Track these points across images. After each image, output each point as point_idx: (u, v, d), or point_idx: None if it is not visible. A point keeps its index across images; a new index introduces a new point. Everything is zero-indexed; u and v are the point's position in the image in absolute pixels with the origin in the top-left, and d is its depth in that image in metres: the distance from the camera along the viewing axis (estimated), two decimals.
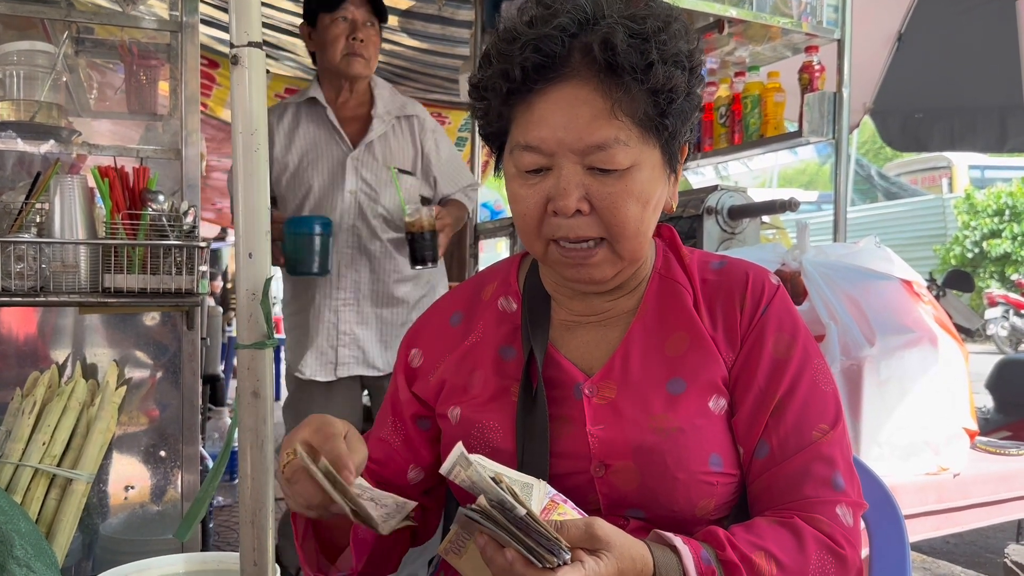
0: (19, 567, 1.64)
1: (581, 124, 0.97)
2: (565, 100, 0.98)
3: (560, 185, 0.99)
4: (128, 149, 2.29)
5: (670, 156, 1.05)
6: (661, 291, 1.12)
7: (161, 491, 2.34)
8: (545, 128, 0.99)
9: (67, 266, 1.94)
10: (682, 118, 1.02)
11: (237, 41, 1.18)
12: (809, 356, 1.06)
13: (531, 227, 1.04)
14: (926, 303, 2.11)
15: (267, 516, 1.21)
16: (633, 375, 1.06)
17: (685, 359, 1.06)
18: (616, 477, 1.02)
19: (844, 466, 1.03)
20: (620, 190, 0.99)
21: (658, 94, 0.98)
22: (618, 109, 0.97)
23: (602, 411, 1.05)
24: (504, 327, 1.16)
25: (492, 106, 1.04)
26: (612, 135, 0.97)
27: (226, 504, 4.25)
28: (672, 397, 1.04)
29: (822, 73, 2.80)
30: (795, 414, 1.03)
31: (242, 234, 1.19)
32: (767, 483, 1.03)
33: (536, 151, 1.00)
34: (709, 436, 1.03)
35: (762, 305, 1.08)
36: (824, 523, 0.98)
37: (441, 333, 1.20)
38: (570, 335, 1.13)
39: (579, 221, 1.00)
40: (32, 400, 1.92)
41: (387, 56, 4.89)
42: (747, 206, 2.43)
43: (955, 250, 15.11)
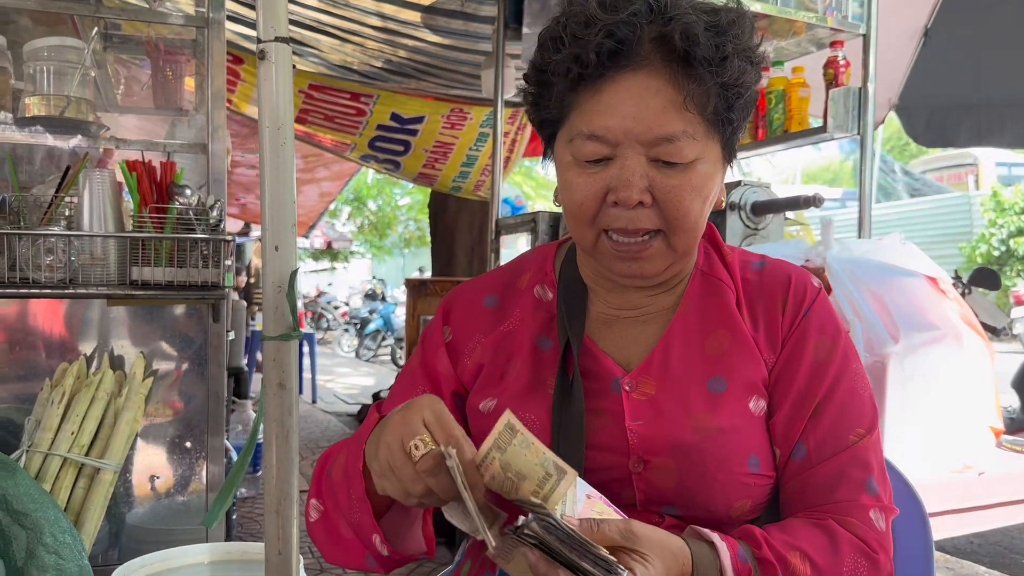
0: (48, 554, 1.67)
1: (651, 115, 0.95)
2: (636, 89, 0.95)
3: (623, 176, 0.96)
4: (155, 144, 2.32)
5: (729, 151, 1.03)
6: (703, 289, 1.10)
7: (186, 482, 2.37)
8: (613, 117, 0.96)
9: (96, 259, 1.97)
10: (745, 113, 1.01)
11: (264, 36, 1.20)
12: (848, 360, 1.06)
13: (586, 217, 1.01)
14: (951, 300, 2.09)
15: (292, 506, 1.22)
16: (673, 372, 1.05)
17: (726, 358, 1.05)
18: (654, 474, 1.01)
19: (878, 471, 1.03)
20: (683, 183, 0.97)
21: (728, 88, 0.96)
22: (690, 101, 0.95)
23: (641, 407, 1.04)
24: (540, 315, 1.13)
25: (555, 91, 1.00)
26: (681, 128, 0.95)
27: (249, 496, 4.29)
28: (713, 396, 1.03)
29: (847, 68, 2.78)
30: (833, 417, 1.03)
31: (269, 227, 1.20)
32: (802, 485, 1.03)
33: (601, 140, 0.97)
34: (748, 437, 1.02)
35: (804, 308, 1.07)
36: (858, 527, 0.98)
37: (472, 313, 1.17)
38: (607, 329, 1.11)
39: (639, 213, 0.98)
40: (61, 390, 1.95)
41: (409, 52, 4.90)
42: (771, 202, 2.42)
43: (981, 248, 14.95)
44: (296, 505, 1.24)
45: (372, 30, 4.57)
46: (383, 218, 20.57)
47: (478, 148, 6.00)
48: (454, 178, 6.28)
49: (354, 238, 21.42)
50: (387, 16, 4.32)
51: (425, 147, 5.95)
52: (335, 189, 9.34)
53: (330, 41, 4.85)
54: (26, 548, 1.67)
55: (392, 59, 5.07)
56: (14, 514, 1.69)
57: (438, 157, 6.07)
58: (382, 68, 5.25)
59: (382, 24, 4.44)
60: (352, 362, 13.53)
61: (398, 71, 5.26)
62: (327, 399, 8.31)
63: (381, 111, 5.65)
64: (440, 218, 7.47)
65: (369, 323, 14.17)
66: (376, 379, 10.53)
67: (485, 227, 7.03)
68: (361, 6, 4.23)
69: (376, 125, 5.75)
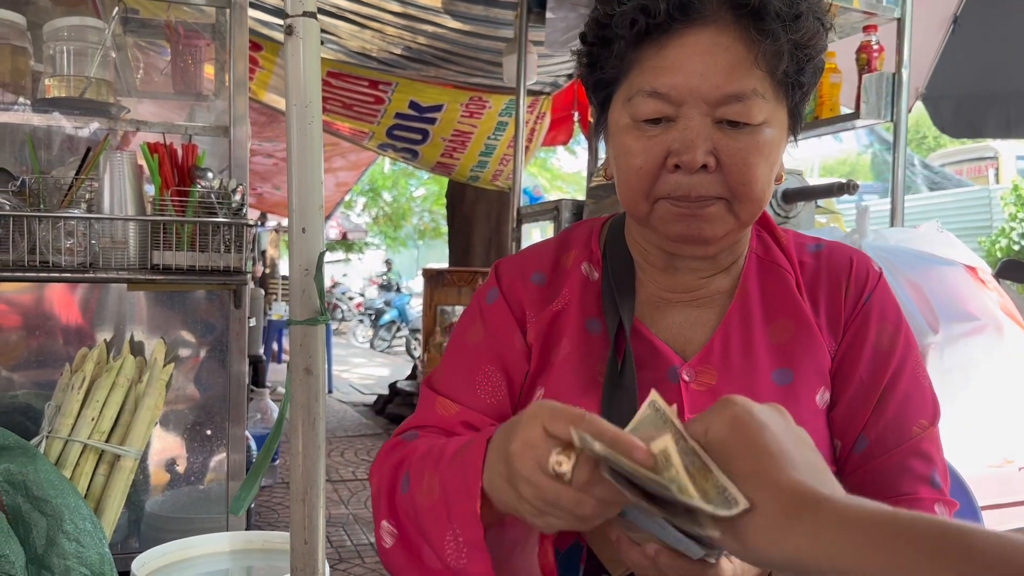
0: (68, 541, 1.64)
1: (720, 71, 0.89)
2: (703, 45, 0.89)
3: (687, 136, 0.90)
4: (176, 126, 2.28)
5: (796, 119, 0.97)
6: (762, 273, 1.04)
7: (206, 470, 2.34)
8: (679, 74, 0.89)
9: (116, 242, 1.94)
10: (815, 78, 0.95)
11: (292, 11, 1.16)
12: (911, 348, 1.01)
13: (644, 183, 0.93)
14: (991, 290, 2.03)
15: (318, 494, 1.19)
16: (734, 361, 0.99)
17: (791, 347, 0.99)
18: None
19: (941, 464, 0.99)
20: (751, 145, 0.90)
21: (801, 49, 0.91)
22: (761, 59, 0.89)
23: (702, 398, 0.97)
24: (588, 295, 1.06)
25: (617, 48, 0.94)
26: (751, 86, 0.89)
27: (267, 485, 4.27)
28: (779, 388, 0.97)
29: (881, 53, 2.71)
30: (896, 408, 0.98)
31: (296, 209, 1.16)
32: (863, 478, 0.98)
33: (663, 98, 0.91)
34: (815, 432, 0.96)
35: (866, 292, 1.01)
36: None
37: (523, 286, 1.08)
38: (659, 314, 1.04)
39: (702, 179, 0.91)
40: (81, 376, 1.92)
41: (429, 39, 4.86)
42: (803, 189, 2.35)
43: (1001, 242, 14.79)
44: (323, 493, 1.20)
45: (392, 16, 4.53)
46: (398, 209, 20.57)
47: (496, 137, 5.97)
48: (472, 167, 6.25)
49: (369, 229, 21.44)
50: (407, 2, 4.28)
51: (443, 136, 5.92)
52: (352, 179, 9.33)
53: (349, 27, 4.81)
54: (46, 535, 1.64)
55: (411, 46, 5.03)
56: (34, 501, 1.66)
57: (456, 146, 6.03)
58: (401, 55, 5.21)
59: (402, 10, 4.40)
60: (367, 352, 13.55)
61: (417, 58, 5.22)
62: (343, 389, 8.31)
63: (399, 99, 5.62)
64: (458, 208, 7.44)
65: (384, 314, 14.19)
66: (391, 370, 10.52)
67: (503, 217, 7.00)
68: None
69: (394, 113, 5.72)
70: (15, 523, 1.66)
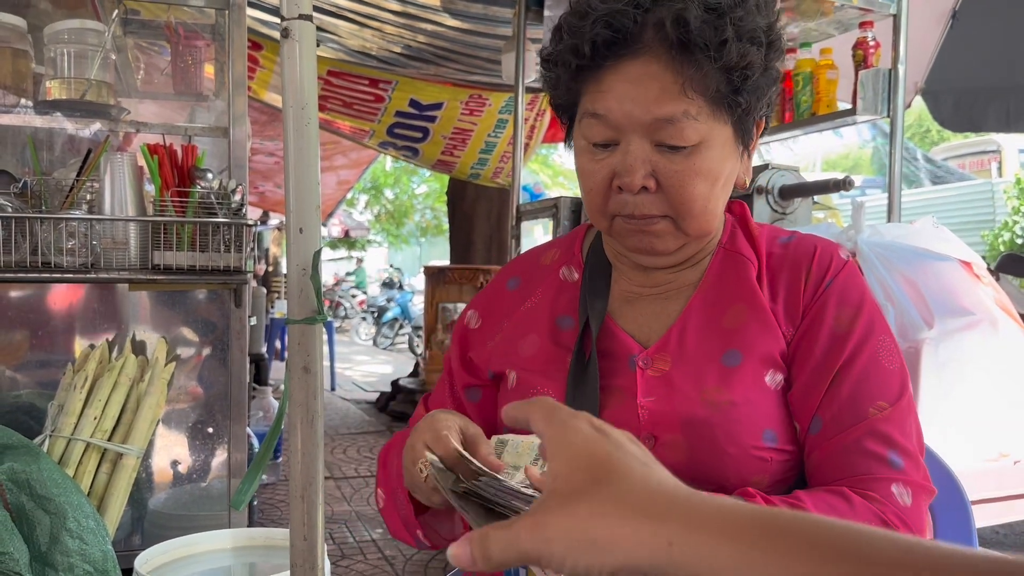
0: (72, 539, 1.66)
1: (650, 98, 0.95)
2: (635, 74, 0.96)
3: (627, 161, 0.97)
4: (176, 127, 2.30)
5: (743, 132, 1.02)
6: (724, 264, 1.09)
7: (208, 468, 2.36)
8: (614, 100, 0.97)
9: (117, 243, 1.96)
10: (757, 94, 0.99)
11: (288, 14, 1.17)
12: (873, 331, 1.01)
13: (597, 203, 1.03)
14: (986, 285, 2.04)
15: (317, 491, 1.20)
16: (689, 348, 1.04)
17: (742, 331, 1.03)
18: (665, 450, 1.00)
19: (906, 446, 0.97)
20: (688, 168, 0.97)
21: (732, 71, 0.95)
22: (688, 86, 0.95)
23: (655, 383, 1.03)
24: (564, 296, 1.15)
25: (562, 80, 1.03)
26: (681, 109, 0.95)
27: (269, 482, 4.30)
28: (727, 370, 1.01)
29: (877, 49, 2.72)
30: (850, 388, 0.98)
31: (293, 209, 1.17)
32: (819, 459, 0.99)
33: (604, 122, 0.98)
34: (764, 411, 1.00)
35: (827, 278, 1.04)
36: (876, 499, 0.93)
37: (498, 296, 1.20)
38: (629, 307, 1.11)
39: (644, 198, 0.99)
40: (83, 375, 1.94)
41: (428, 37, 4.87)
42: (799, 185, 2.37)
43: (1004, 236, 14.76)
44: (322, 491, 1.22)
45: (391, 15, 4.54)
46: (400, 207, 20.59)
47: (497, 135, 5.98)
48: (472, 165, 6.26)
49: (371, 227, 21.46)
50: (406, 0, 4.29)
51: (444, 134, 5.93)
52: (353, 177, 9.34)
53: (348, 26, 4.82)
54: (50, 533, 1.66)
55: (411, 44, 5.04)
56: (38, 499, 1.68)
57: (456, 144, 6.05)
58: (401, 54, 5.22)
59: (401, 8, 4.42)
60: (370, 350, 13.57)
61: (417, 57, 5.23)
62: (346, 387, 8.33)
63: (399, 97, 5.63)
64: (458, 205, 7.45)
65: (386, 311, 14.21)
66: (394, 367, 10.54)
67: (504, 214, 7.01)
68: None
69: (395, 112, 5.74)
70: (19, 521, 1.68)
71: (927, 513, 0.97)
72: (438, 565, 3.20)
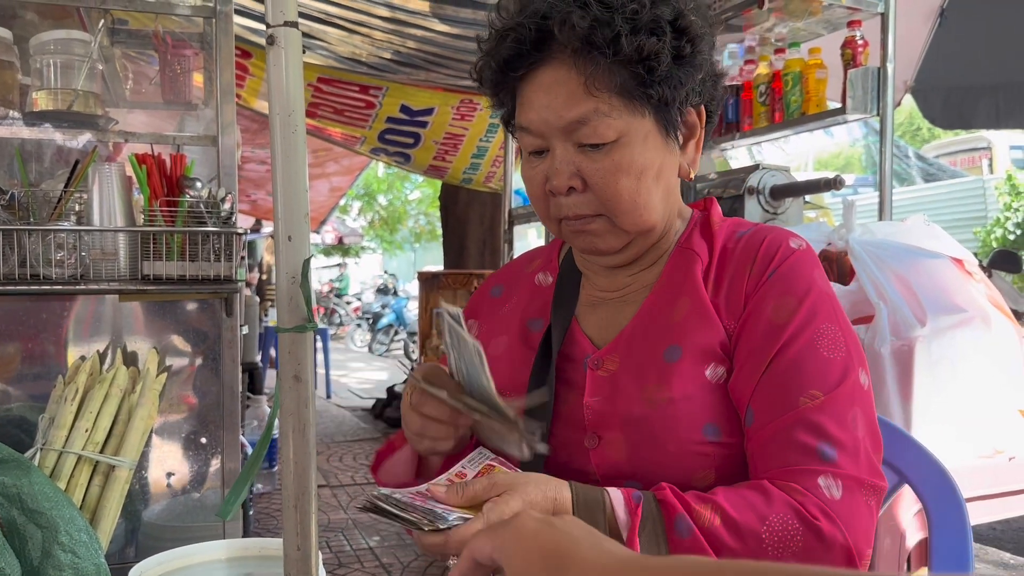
0: (64, 553, 1.65)
1: (561, 102, 1.00)
2: (545, 82, 1.01)
3: (553, 165, 1.02)
4: (164, 136, 2.29)
5: (667, 123, 1.03)
6: (677, 262, 1.10)
7: (202, 478, 2.35)
8: (531, 110, 1.03)
9: (106, 254, 1.95)
10: (671, 84, 1.00)
11: (273, 21, 1.17)
12: (814, 319, 0.99)
13: (541, 209, 1.08)
14: (977, 281, 2.04)
15: (310, 500, 1.19)
16: (637, 347, 1.06)
17: (682, 326, 1.04)
18: (608, 449, 1.02)
19: (841, 437, 0.93)
20: (609, 165, 1.00)
21: (634, 65, 0.98)
22: (591, 84, 0.98)
23: (601, 383, 1.05)
24: (537, 301, 1.19)
25: (490, 93, 1.11)
26: (591, 108, 0.99)
27: (265, 491, 4.28)
28: (667, 366, 1.01)
29: (865, 48, 2.72)
30: (781, 378, 0.97)
31: (281, 217, 1.17)
32: (752, 450, 0.98)
33: (529, 132, 1.04)
34: (704, 406, 0.99)
35: (770, 269, 1.02)
36: (797, 491, 0.91)
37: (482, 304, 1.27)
38: (592, 311, 1.15)
39: (575, 199, 1.03)
40: (74, 387, 1.93)
41: (418, 43, 4.87)
42: (790, 185, 2.37)
43: (996, 232, 14.82)
44: (314, 499, 1.21)
45: (380, 21, 4.54)
46: (393, 213, 20.59)
47: (488, 139, 5.98)
48: (465, 170, 6.26)
49: (365, 233, 21.44)
50: (395, 6, 4.29)
51: (435, 139, 5.93)
52: (345, 184, 9.34)
53: (338, 33, 4.82)
54: (42, 547, 1.65)
55: (401, 50, 5.04)
56: (29, 513, 1.67)
57: (448, 149, 6.05)
58: (391, 60, 5.22)
59: (390, 14, 4.41)
60: (365, 357, 13.55)
61: (407, 62, 5.23)
62: (341, 394, 8.32)
63: (390, 103, 5.63)
64: (451, 210, 7.45)
65: (381, 318, 14.20)
66: (389, 373, 10.53)
67: (496, 219, 7.01)
68: None
69: (386, 118, 5.74)
70: (10, 536, 1.66)
71: (868, 508, 0.93)
72: (436, 572, 3.18)
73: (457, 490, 0.90)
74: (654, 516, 0.89)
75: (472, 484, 0.89)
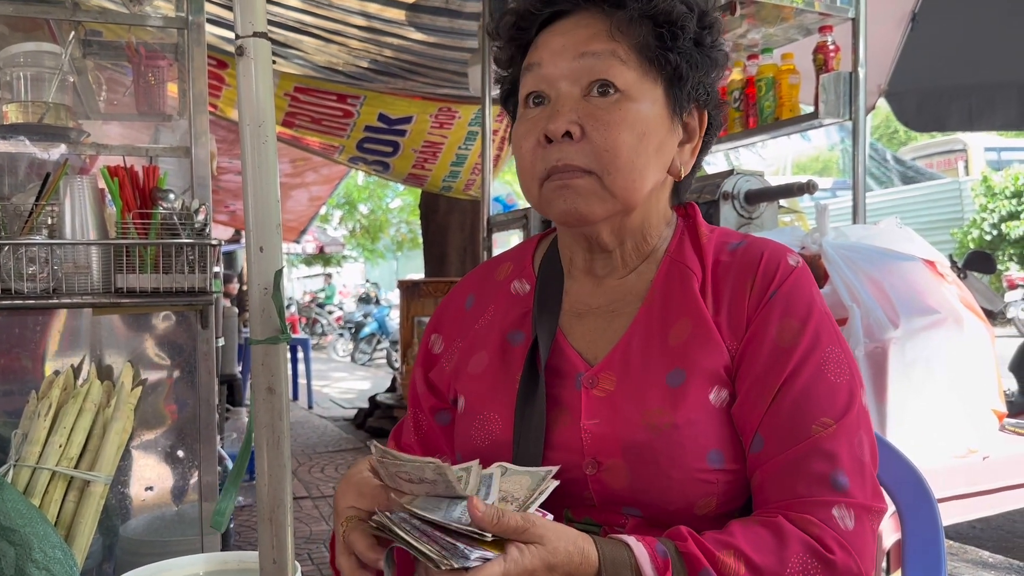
0: (38, 570, 1.63)
1: (579, 38, 0.99)
2: (567, 27, 1.01)
3: (554, 108, 0.99)
4: (137, 148, 2.28)
5: (675, 100, 1.01)
6: (669, 276, 1.06)
7: (180, 492, 2.33)
8: (545, 49, 1.01)
9: (79, 267, 1.93)
10: (689, 61, 1.00)
11: (242, 32, 1.17)
12: (819, 343, 0.97)
13: (527, 165, 1.02)
14: (950, 283, 2.06)
15: (285, 513, 1.19)
16: (634, 367, 1.00)
17: (685, 348, 0.99)
18: (607, 475, 0.97)
19: (852, 464, 0.93)
20: (614, 116, 0.97)
21: (660, 25, 0.98)
22: (615, 28, 0.98)
23: (599, 404, 0.99)
24: (515, 311, 1.12)
25: (507, 50, 1.08)
26: (610, 48, 0.98)
27: (246, 504, 4.25)
28: (671, 390, 0.97)
29: (837, 53, 2.75)
30: (792, 405, 0.94)
31: (252, 228, 1.16)
32: (761, 479, 0.95)
33: (535, 72, 1.01)
34: (708, 432, 0.96)
35: (772, 288, 0.99)
36: (814, 524, 0.89)
37: (457, 317, 1.18)
38: (579, 322, 1.08)
39: (569, 147, 0.98)
40: (48, 402, 1.91)
41: (395, 52, 4.87)
42: (764, 190, 2.39)
43: (973, 233, 14.99)
44: (290, 512, 1.21)
45: (356, 29, 4.54)
46: (375, 221, 20.54)
47: (467, 147, 5.98)
48: (444, 178, 6.26)
49: (346, 242, 21.38)
50: (371, 15, 4.29)
51: (414, 147, 5.93)
52: (325, 193, 9.31)
53: (314, 42, 4.81)
54: (15, 565, 1.63)
55: (378, 59, 5.04)
56: (2, 531, 1.65)
57: (427, 157, 6.05)
58: (368, 68, 5.22)
59: (366, 23, 4.42)
60: (348, 366, 13.50)
61: (384, 71, 5.23)
62: (323, 404, 8.28)
63: (368, 112, 5.63)
64: (431, 218, 7.45)
65: (364, 327, 14.15)
66: (372, 383, 10.49)
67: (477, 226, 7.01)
68: (344, 5, 4.19)
69: (364, 126, 5.73)
70: None
71: (873, 534, 0.93)
72: None
73: (494, 517, 0.80)
74: (680, 572, 0.86)
75: (509, 517, 0.81)
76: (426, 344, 1.20)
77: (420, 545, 0.79)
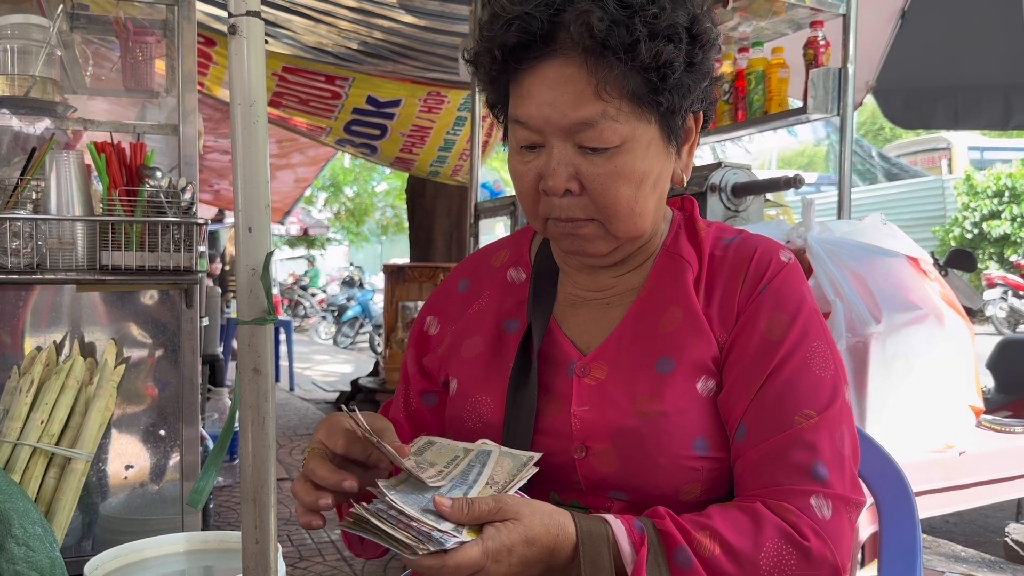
0: (18, 546, 1.63)
1: (567, 101, 0.94)
2: (551, 77, 0.95)
3: (550, 164, 0.97)
4: (125, 125, 2.26)
5: (670, 131, 1.00)
6: (664, 268, 1.08)
7: (161, 471, 2.33)
8: (532, 104, 0.96)
9: (64, 243, 1.92)
10: (680, 92, 0.97)
11: (235, 10, 1.16)
12: (807, 337, 0.99)
13: (528, 206, 1.02)
14: (932, 280, 2.08)
15: (269, 494, 1.19)
16: (625, 355, 1.03)
17: (675, 337, 1.02)
18: (596, 460, 0.99)
19: (832, 456, 0.95)
20: (610, 170, 0.96)
21: (647, 72, 0.93)
22: (602, 88, 0.93)
23: (590, 392, 1.02)
24: (510, 299, 1.14)
25: (486, 80, 1.03)
26: (599, 111, 0.94)
27: (226, 484, 4.24)
28: (659, 378, 0.99)
29: (827, 49, 2.76)
30: (776, 395, 0.97)
31: (242, 208, 1.16)
32: (743, 467, 0.98)
33: (526, 127, 0.98)
34: (694, 419, 0.98)
35: (763, 283, 1.02)
36: (791, 512, 0.92)
37: (451, 300, 1.19)
38: (573, 312, 1.10)
39: (569, 201, 0.98)
40: (30, 378, 1.90)
41: (385, 34, 4.85)
42: (751, 183, 2.40)
43: (954, 231, 15.10)
44: (273, 493, 1.21)
45: (347, 11, 4.51)
46: (360, 204, 20.44)
47: (456, 132, 5.96)
48: (432, 162, 6.24)
49: (331, 225, 21.28)
50: None
51: (402, 131, 5.90)
52: (311, 175, 9.26)
53: (304, 22, 4.78)
54: None
55: (368, 41, 5.01)
56: None
57: (415, 141, 6.02)
58: (357, 50, 5.19)
59: (357, 4, 4.39)
60: (330, 349, 13.46)
61: (374, 53, 5.20)
62: (305, 387, 8.26)
63: (357, 94, 5.59)
64: (418, 203, 7.42)
65: (347, 310, 14.11)
66: (354, 366, 10.48)
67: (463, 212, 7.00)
68: None
69: (352, 109, 5.70)
70: None
71: (851, 525, 0.95)
72: (397, 565, 3.18)
73: (463, 508, 0.83)
74: (656, 548, 0.88)
75: (479, 504, 0.84)
76: (420, 326, 1.21)
77: (397, 533, 0.81)
